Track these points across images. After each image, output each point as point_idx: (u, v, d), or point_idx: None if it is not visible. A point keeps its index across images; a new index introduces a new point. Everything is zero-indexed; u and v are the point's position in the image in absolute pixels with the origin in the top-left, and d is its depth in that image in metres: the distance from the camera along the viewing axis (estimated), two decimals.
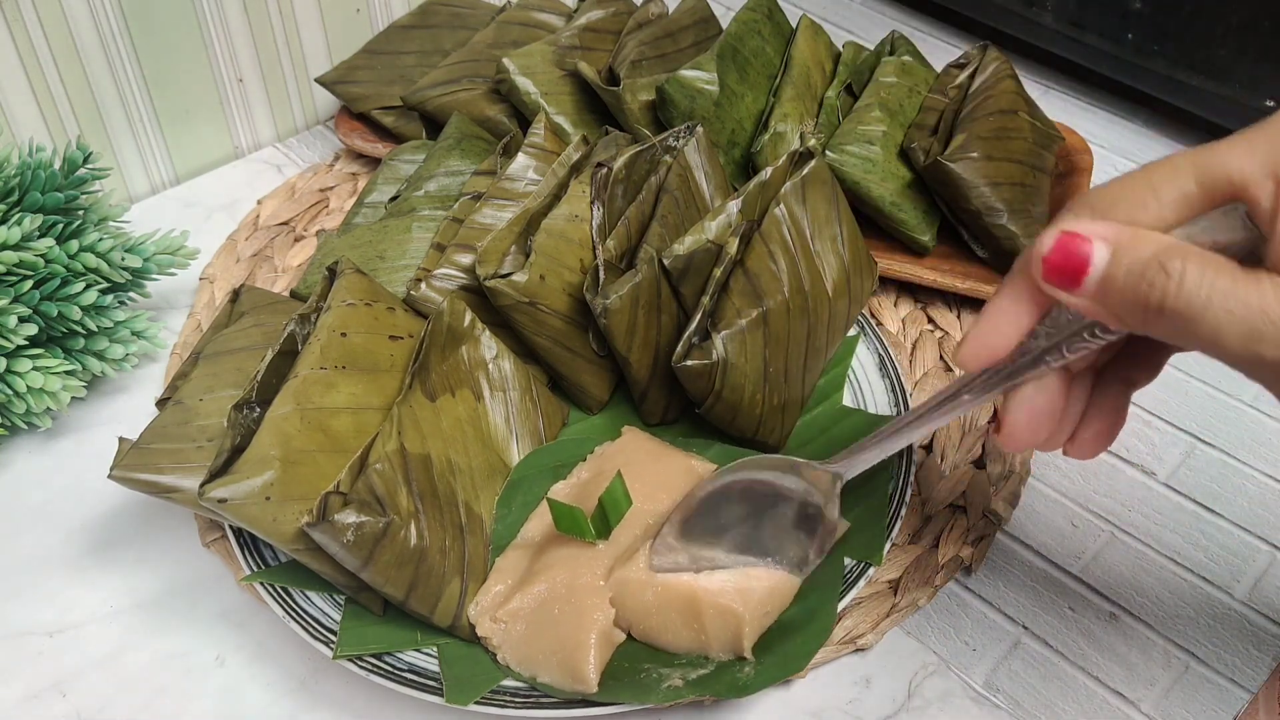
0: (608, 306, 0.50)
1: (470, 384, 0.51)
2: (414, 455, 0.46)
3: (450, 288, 0.54)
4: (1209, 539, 0.53)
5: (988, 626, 0.50)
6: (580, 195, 0.54)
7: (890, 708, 0.47)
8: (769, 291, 0.51)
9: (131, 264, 0.58)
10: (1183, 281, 0.33)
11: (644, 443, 0.51)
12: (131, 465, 0.47)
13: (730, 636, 0.44)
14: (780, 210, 0.52)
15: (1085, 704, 0.47)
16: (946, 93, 0.67)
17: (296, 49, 0.75)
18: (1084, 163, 0.69)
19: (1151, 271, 0.33)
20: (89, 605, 0.51)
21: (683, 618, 0.45)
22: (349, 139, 0.73)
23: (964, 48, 0.86)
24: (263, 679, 0.48)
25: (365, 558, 0.42)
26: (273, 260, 0.67)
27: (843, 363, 0.58)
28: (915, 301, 0.65)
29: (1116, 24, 0.76)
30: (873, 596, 0.50)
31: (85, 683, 0.48)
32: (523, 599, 0.45)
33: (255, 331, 0.53)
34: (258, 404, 0.46)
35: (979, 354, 0.39)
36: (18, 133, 0.65)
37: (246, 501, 0.42)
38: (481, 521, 0.49)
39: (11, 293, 0.53)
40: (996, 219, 0.61)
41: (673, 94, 0.63)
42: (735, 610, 0.44)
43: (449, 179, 0.63)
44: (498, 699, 0.44)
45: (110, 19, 0.66)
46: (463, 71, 0.70)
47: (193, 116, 0.72)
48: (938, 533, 0.53)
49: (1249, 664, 0.49)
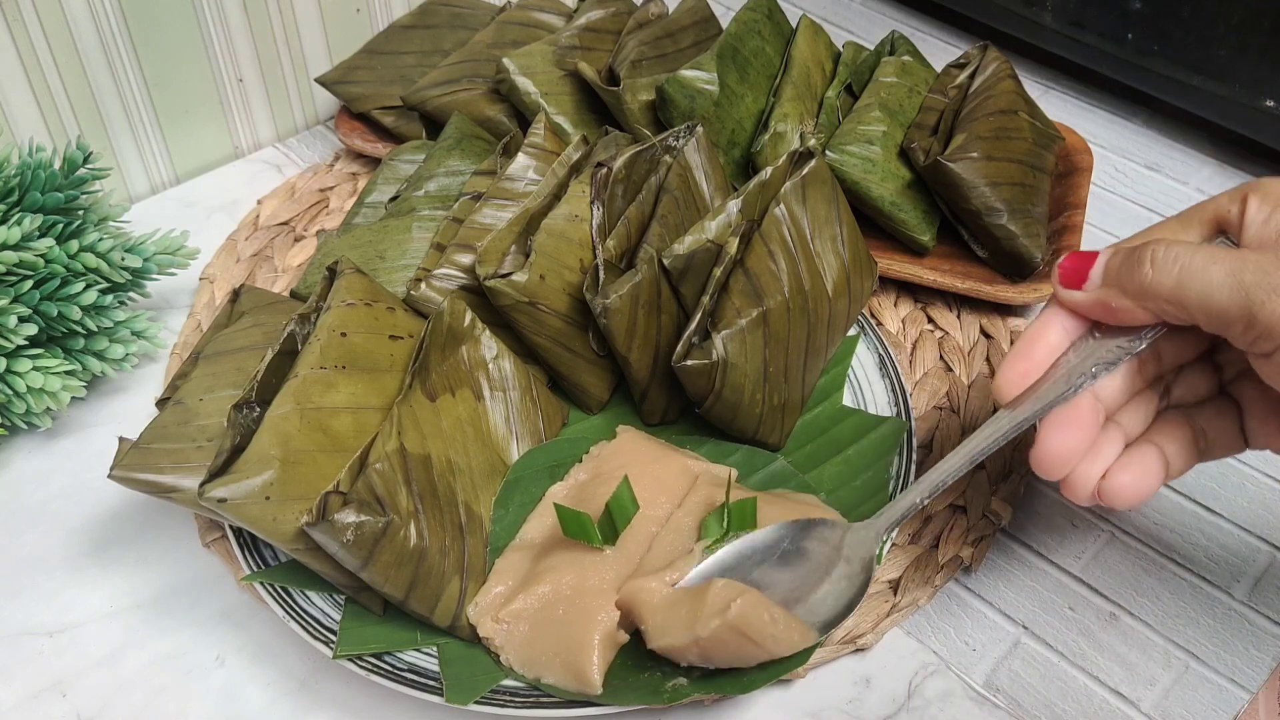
0: (608, 306, 0.50)
1: (470, 384, 0.51)
2: (414, 455, 0.46)
3: (450, 288, 0.54)
4: (1209, 539, 0.53)
5: (988, 626, 0.50)
6: (580, 195, 0.54)
7: (890, 708, 0.47)
8: (769, 291, 0.51)
9: (131, 264, 0.58)
10: (1155, 259, 0.40)
11: (641, 443, 0.51)
12: (131, 465, 0.47)
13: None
14: (780, 210, 0.52)
15: (1085, 704, 0.47)
16: (946, 93, 0.67)
17: (296, 49, 0.75)
18: (1084, 163, 0.69)
19: (1134, 258, 0.41)
20: (89, 605, 0.51)
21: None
22: (349, 139, 0.73)
23: (964, 48, 0.86)
24: (263, 679, 0.48)
25: (365, 557, 0.42)
26: (273, 260, 0.67)
27: (843, 363, 0.58)
28: (915, 301, 0.65)
29: (1116, 24, 0.76)
30: (873, 596, 0.50)
31: (85, 683, 0.48)
32: (526, 600, 0.45)
33: (255, 331, 0.53)
34: (258, 404, 0.46)
35: (1013, 378, 0.44)
36: (18, 133, 0.65)
37: (246, 501, 0.42)
38: (481, 521, 0.49)
39: (11, 293, 0.53)
40: (996, 219, 0.61)
41: (673, 94, 0.63)
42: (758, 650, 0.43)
43: (449, 179, 0.63)
44: (498, 699, 0.44)
45: (110, 19, 0.66)
46: (463, 71, 0.70)
47: (193, 116, 0.72)
48: (938, 533, 0.53)
49: (1249, 664, 0.49)
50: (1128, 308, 0.42)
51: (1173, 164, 0.76)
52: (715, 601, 0.42)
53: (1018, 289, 0.62)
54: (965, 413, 0.58)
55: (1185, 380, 0.46)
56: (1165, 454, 0.44)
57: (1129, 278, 0.41)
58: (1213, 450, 0.45)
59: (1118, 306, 0.42)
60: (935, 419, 0.58)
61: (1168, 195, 0.74)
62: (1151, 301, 0.41)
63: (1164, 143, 0.78)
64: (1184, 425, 0.45)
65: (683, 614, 0.43)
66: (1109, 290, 0.42)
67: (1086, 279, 0.43)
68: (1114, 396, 0.44)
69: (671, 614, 0.43)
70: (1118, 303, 0.42)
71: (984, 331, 0.63)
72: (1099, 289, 0.42)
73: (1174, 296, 0.40)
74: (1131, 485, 0.43)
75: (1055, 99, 0.82)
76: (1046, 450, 0.43)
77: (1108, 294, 0.42)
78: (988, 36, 0.83)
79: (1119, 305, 0.42)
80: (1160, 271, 0.40)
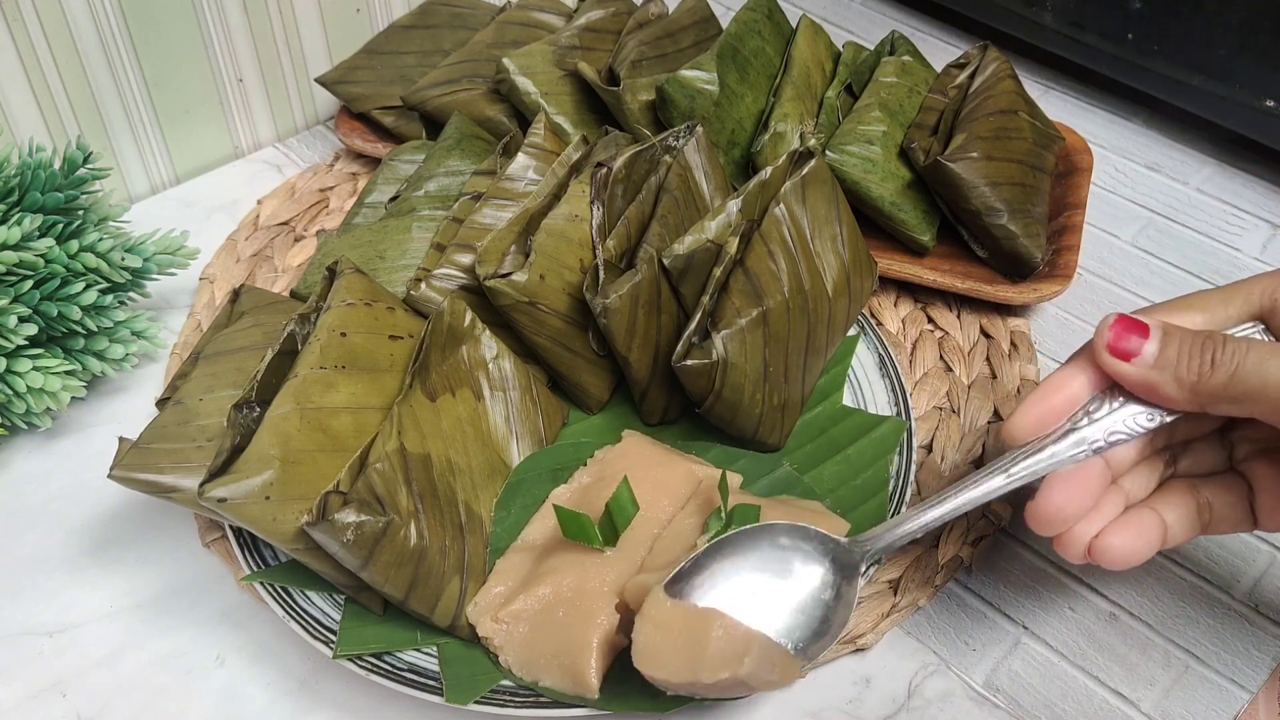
0: (608, 306, 0.50)
1: (470, 384, 0.51)
2: (414, 455, 0.46)
3: (450, 288, 0.54)
4: (1209, 539, 0.53)
5: (988, 626, 0.50)
6: (580, 195, 0.54)
7: (890, 708, 0.47)
8: (769, 291, 0.51)
9: (131, 264, 0.58)
10: (1216, 358, 0.40)
11: (645, 447, 0.51)
12: (131, 465, 0.47)
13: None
14: (780, 210, 0.52)
15: (1085, 704, 0.47)
16: (946, 93, 0.67)
17: (296, 49, 0.75)
18: (1084, 163, 0.69)
19: (1195, 351, 0.40)
20: (89, 605, 0.51)
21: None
22: (349, 139, 0.73)
23: (964, 48, 0.86)
24: (263, 679, 0.48)
25: (365, 557, 0.42)
26: (273, 260, 0.67)
27: (843, 362, 0.58)
28: (915, 301, 0.65)
29: (1116, 24, 0.76)
30: (873, 596, 0.50)
31: (85, 683, 0.48)
32: (526, 601, 0.45)
33: (255, 331, 0.53)
34: (258, 404, 0.46)
35: (1027, 423, 0.43)
36: (18, 133, 0.65)
37: (246, 501, 0.42)
38: (481, 521, 0.49)
39: (11, 293, 0.53)
40: (996, 219, 0.61)
41: (673, 94, 0.63)
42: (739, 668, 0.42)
43: (449, 179, 0.63)
44: (498, 698, 0.44)
45: (110, 19, 0.66)
46: (463, 71, 0.70)
47: (193, 116, 0.72)
48: (938, 533, 0.53)
49: (1249, 664, 0.49)
50: (1173, 397, 0.41)
51: (1173, 164, 0.77)
52: (721, 649, 0.41)
53: (1018, 289, 0.62)
54: (965, 413, 0.58)
55: (1194, 453, 0.46)
56: (1165, 521, 0.44)
57: (1188, 370, 0.40)
58: (1218, 525, 0.45)
59: (1166, 395, 0.41)
60: (935, 419, 0.58)
61: (1168, 195, 0.74)
62: (1205, 399, 0.40)
63: (1164, 143, 0.78)
64: (1188, 495, 0.45)
65: (680, 647, 0.41)
66: (1161, 375, 0.41)
67: (1138, 354, 0.41)
68: (1121, 460, 0.44)
69: (666, 643, 0.41)
70: (1166, 391, 0.41)
71: (984, 331, 0.63)
72: (1149, 370, 0.41)
73: (1234, 395, 0.40)
74: (1123, 547, 0.43)
75: (1055, 99, 0.82)
76: (1046, 507, 0.42)
77: (1159, 379, 0.41)
78: (988, 36, 0.83)
79: (1167, 394, 0.41)
80: (1220, 370, 0.40)
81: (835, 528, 0.49)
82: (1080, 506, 0.42)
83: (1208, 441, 0.46)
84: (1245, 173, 0.76)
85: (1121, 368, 0.41)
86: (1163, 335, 0.41)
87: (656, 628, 0.42)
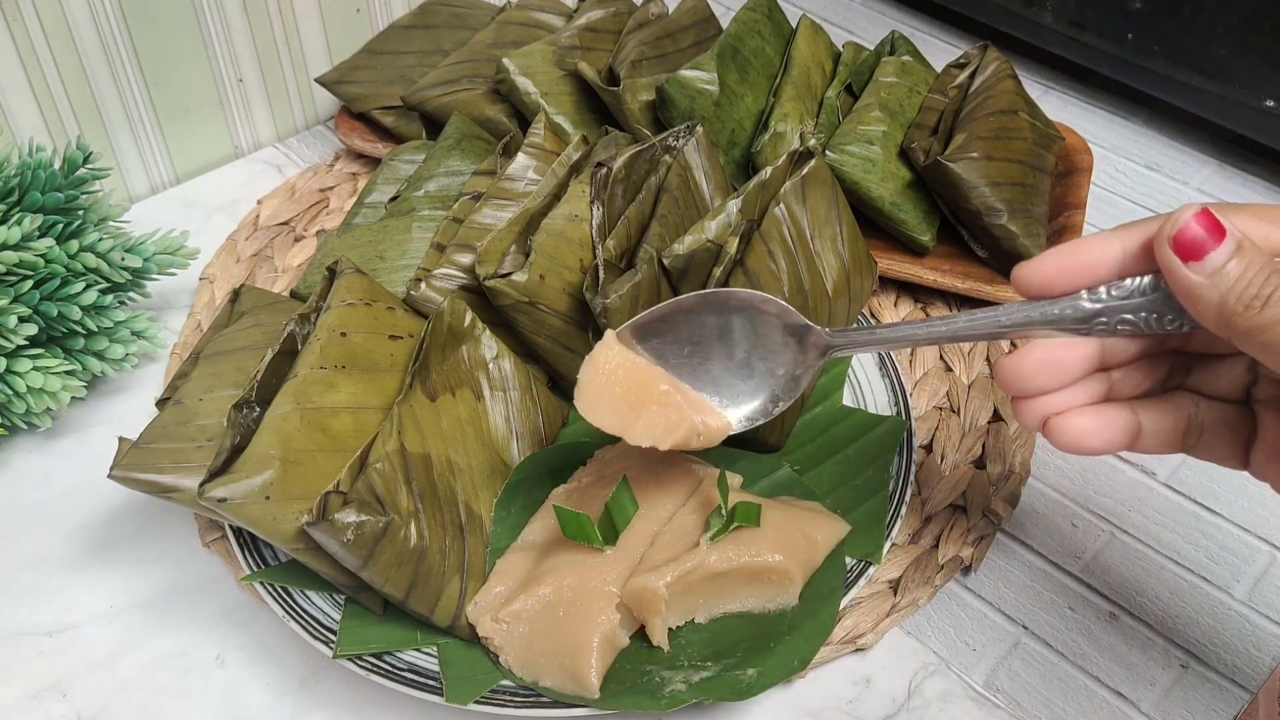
0: (608, 306, 0.50)
1: (470, 383, 0.51)
2: (414, 455, 0.46)
3: (450, 288, 0.54)
4: (1209, 539, 0.53)
5: (988, 626, 0.50)
6: (580, 195, 0.54)
7: (890, 707, 0.47)
8: (769, 291, 0.51)
9: (131, 264, 0.58)
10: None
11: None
12: (131, 465, 0.47)
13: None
14: (780, 210, 0.52)
15: (1085, 704, 0.47)
16: (946, 93, 0.67)
17: (296, 49, 0.75)
18: (1084, 163, 0.69)
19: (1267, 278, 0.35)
20: (89, 605, 0.51)
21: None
22: (349, 139, 0.73)
23: (964, 48, 0.86)
24: (263, 679, 0.48)
25: (365, 557, 0.42)
26: (273, 260, 0.67)
27: (843, 362, 0.58)
28: (915, 301, 0.65)
29: (1116, 24, 0.76)
30: (873, 596, 0.50)
31: (85, 683, 0.48)
32: (526, 601, 0.45)
33: (255, 331, 0.53)
34: (258, 404, 0.46)
35: (1043, 273, 0.38)
36: (18, 133, 0.65)
37: (246, 501, 0.42)
38: (481, 521, 0.49)
39: (11, 293, 0.53)
40: (996, 219, 0.61)
41: (673, 94, 0.63)
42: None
43: (449, 179, 0.63)
44: (498, 698, 0.44)
45: (110, 19, 0.66)
46: (463, 71, 0.70)
47: (193, 116, 0.72)
48: (938, 533, 0.53)
49: (1249, 664, 0.48)
50: (1206, 314, 0.36)
51: (1173, 164, 0.77)
52: (653, 422, 0.42)
53: None
54: (965, 413, 0.58)
55: (1210, 370, 0.41)
56: (1141, 424, 0.40)
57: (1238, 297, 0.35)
58: (1202, 451, 0.41)
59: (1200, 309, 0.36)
60: (935, 419, 0.58)
61: (1168, 195, 0.74)
62: (1237, 332, 0.36)
63: (1164, 143, 0.78)
64: (1179, 409, 0.41)
65: (618, 402, 0.42)
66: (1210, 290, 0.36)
67: (1202, 258, 0.36)
68: (1119, 349, 0.40)
69: (605, 391, 0.42)
70: (1203, 305, 0.36)
71: None
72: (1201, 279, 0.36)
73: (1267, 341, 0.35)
74: (1080, 430, 0.39)
75: (1055, 99, 0.82)
76: (1019, 366, 0.39)
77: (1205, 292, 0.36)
78: (988, 36, 0.83)
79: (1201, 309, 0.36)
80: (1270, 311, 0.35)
81: (835, 528, 0.49)
82: (1053, 377, 0.39)
83: (1228, 363, 0.41)
84: (1245, 173, 0.76)
85: (1174, 262, 0.36)
86: (1236, 248, 0.35)
87: (601, 374, 0.41)
